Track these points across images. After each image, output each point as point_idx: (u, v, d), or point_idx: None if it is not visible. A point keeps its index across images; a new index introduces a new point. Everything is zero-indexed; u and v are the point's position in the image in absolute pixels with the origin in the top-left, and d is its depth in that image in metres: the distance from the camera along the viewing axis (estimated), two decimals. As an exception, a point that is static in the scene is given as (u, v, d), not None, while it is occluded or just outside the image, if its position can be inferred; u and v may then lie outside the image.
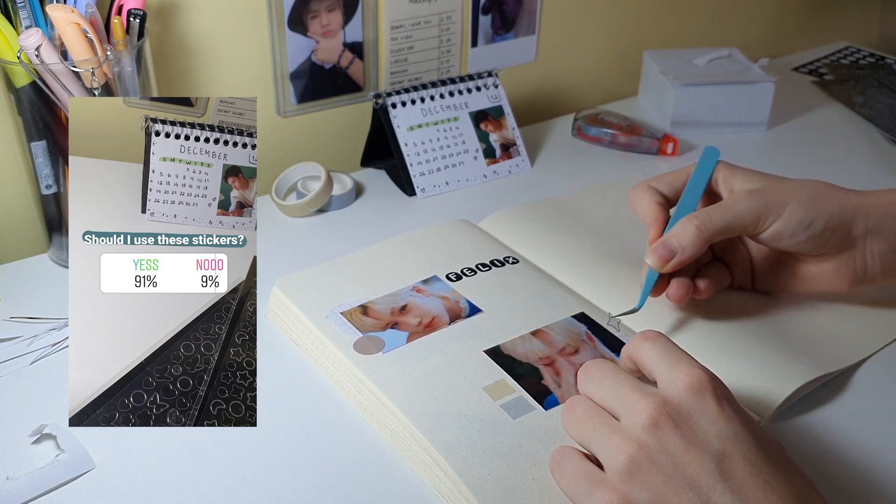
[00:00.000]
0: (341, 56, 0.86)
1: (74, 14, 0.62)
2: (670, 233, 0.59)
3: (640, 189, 0.63)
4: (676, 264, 0.58)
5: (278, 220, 0.79)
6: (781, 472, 0.43)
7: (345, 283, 0.63)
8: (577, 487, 0.45)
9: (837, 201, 0.59)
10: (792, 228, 0.58)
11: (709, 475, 0.42)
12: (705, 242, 0.58)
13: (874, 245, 0.59)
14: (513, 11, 0.95)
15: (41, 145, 0.67)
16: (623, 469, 0.43)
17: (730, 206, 0.59)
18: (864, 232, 0.59)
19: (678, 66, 0.97)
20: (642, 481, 0.43)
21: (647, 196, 0.63)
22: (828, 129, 0.97)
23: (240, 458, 0.52)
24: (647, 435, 0.43)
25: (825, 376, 0.57)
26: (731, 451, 0.43)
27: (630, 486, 0.43)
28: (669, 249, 0.58)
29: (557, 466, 0.47)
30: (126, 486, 0.50)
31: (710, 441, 0.43)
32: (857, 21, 1.32)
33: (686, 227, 0.58)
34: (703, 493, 0.42)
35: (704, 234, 0.58)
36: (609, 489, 0.43)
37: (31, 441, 0.53)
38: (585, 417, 0.47)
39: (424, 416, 0.51)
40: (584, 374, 0.49)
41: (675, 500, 0.42)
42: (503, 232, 0.72)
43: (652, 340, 0.48)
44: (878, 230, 0.59)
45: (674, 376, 0.45)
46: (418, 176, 0.82)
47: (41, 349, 0.61)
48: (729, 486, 0.42)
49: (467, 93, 0.85)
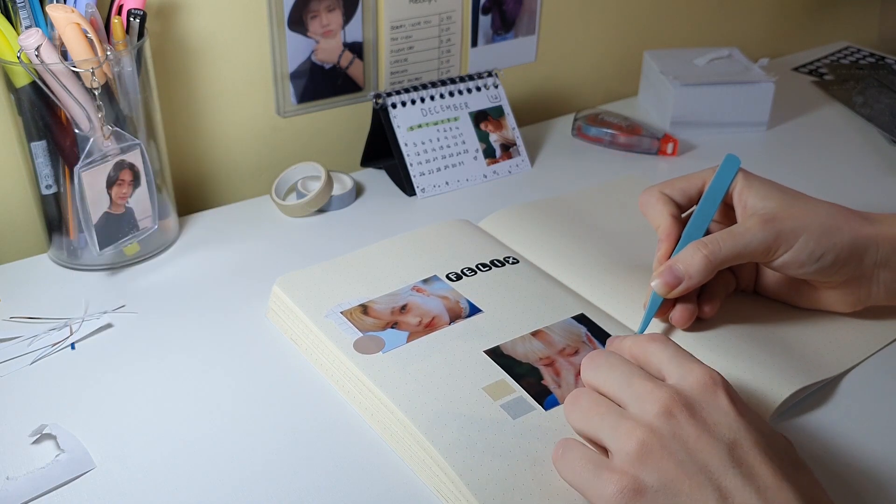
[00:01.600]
0: (341, 56, 0.86)
1: (74, 14, 0.62)
2: (678, 258, 0.58)
3: (652, 196, 0.62)
4: (682, 291, 0.58)
5: (278, 220, 0.79)
6: (790, 466, 0.43)
7: (345, 282, 0.63)
8: (584, 472, 0.44)
9: (849, 233, 0.58)
10: (801, 260, 0.57)
11: (720, 462, 0.42)
12: (713, 271, 0.57)
13: (882, 274, 0.59)
14: (513, 11, 0.95)
15: (41, 145, 0.67)
16: (634, 453, 0.43)
17: (741, 235, 0.57)
18: (872, 263, 0.59)
19: (678, 66, 0.97)
20: (653, 465, 0.42)
21: (660, 206, 0.61)
22: (828, 129, 0.97)
23: (240, 458, 0.52)
24: (659, 421, 0.44)
25: (823, 381, 0.57)
26: (741, 441, 0.43)
27: (640, 470, 0.43)
28: (676, 276, 0.57)
29: (561, 457, 0.46)
30: (126, 486, 0.50)
31: (721, 431, 0.43)
32: (857, 21, 1.32)
33: (695, 256, 0.57)
34: (715, 477, 0.42)
35: (713, 264, 0.57)
36: (618, 472, 0.43)
37: (31, 441, 0.53)
38: (592, 407, 0.46)
39: (424, 416, 0.51)
40: (591, 362, 0.49)
41: (686, 483, 0.42)
42: (503, 232, 0.72)
43: (661, 343, 0.48)
44: (887, 262, 0.59)
45: (685, 373, 0.46)
46: (418, 176, 0.82)
47: (41, 349, 0.61)
48: (740, 472, 0.42)
49: (467, 93, 0.85)
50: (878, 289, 0.60)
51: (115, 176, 0.67)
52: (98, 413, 0.56)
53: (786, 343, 0.60)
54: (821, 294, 0.62)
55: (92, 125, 0.65)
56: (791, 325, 0.62)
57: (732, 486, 0.42)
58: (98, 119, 0.65)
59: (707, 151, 0.91)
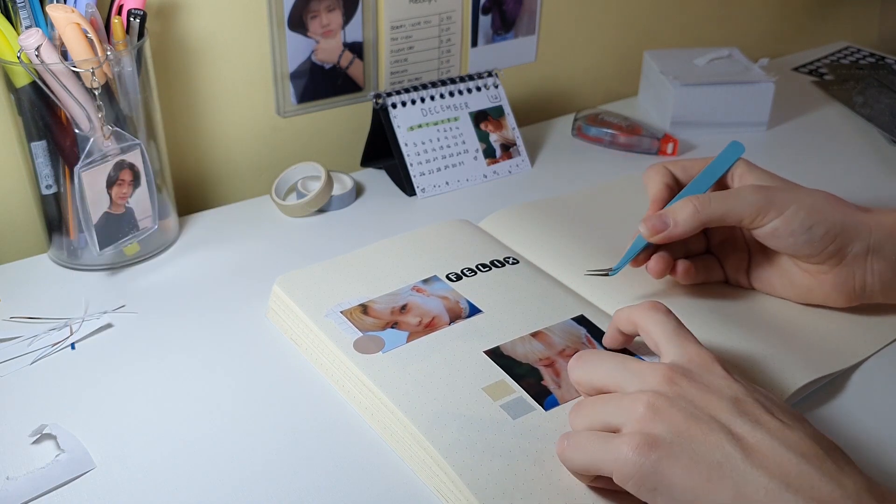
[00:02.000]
0: (341, 56, 0.86)
1: (74, 14, 0.62)
2: (669, 208, 0.60)
3: (655, 168, 0.65)
4: (665, 237, 0.59)
5: (278, 220, 0.79)
6: (791, 415, 0.44)
7: (345, 282, 0.63)
8: (596, 447, 0.44)
9: (842, 213, 0.59)
10: (791, 228, 0.58)
11: (727, 413, 0.43)
12: (700, 224, 0.59)
13: (875, 264, 0.59)
14: (513, 11, 0.95)
15: (41, 145, 0.67)
16: (642, 413, 0.43)
17: (732, 195, 0.59)
18: (865, 249, 0.59)
19: (678, 66, 0.97)
20: (663, 419, 0.43)
21: (658, 176, 0.64)
22: (828, 129, 0.97)
23: (240, 458, 0.52)
24: (662, 387, 0.44)
25: (827, 376, 0.57)
26: (742, 398, 0.44)
27: (651, 426, 0.43)
28: (663, 221, 0.59)
29: (567, 446, 0.46)
30: (126, 486, 0.50)
31: (722, 391, 0.44)
32: (857, 21, 1.32)
33: (684, 206, 0.59)
34: (725, 423, 0.43)
35: (700, 216, 0.59)
36: (630, 434, 0.43)
37: (31, 441, 0.53)
38: (593, 402, 0.47)
39: (424, 416, 0.51)
40: (578, 360, 0.49)
41: (697, 429, 0.42)
42: (503, 232, 0.72)
43: (664, 314, 0.49)
44: (880, 250, 0.59)
45: (682, 351, 0.47)
46: (418, 176, 0.82)
47: (41, 349, 0.61)
48: (748, 419, 0.43)
49: (467, 93, 0.85)
50: (873, 279, 0.60)
51: (115, 176, 0.67)
52: (98, 413, 0.56)
53: (795, 336, 0.60)
54: (814, 284, 0.62)
55: (92, 125, 0.65)
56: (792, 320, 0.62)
57: (743, 431, 0.42)
58: (98, 119, 0.65)
59: (707, 151, 0.90)
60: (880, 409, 0.56)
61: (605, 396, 0.47)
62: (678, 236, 0.59)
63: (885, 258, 0.59)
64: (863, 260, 0.59)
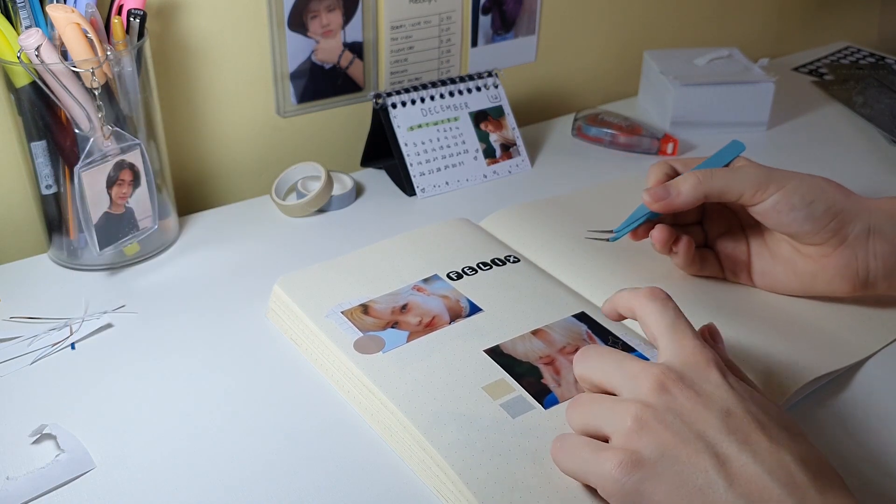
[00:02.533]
0: (341, 56, 0.86)
1: (74, 14, 0.62)
2: (672, 180, 0.61)
3: (658, 163, 0.66)
4: (666, 205, 0.61)
5: (278, 220, 0.79)
6: (785, 434, 0.44)
7: (345, 281, 0.63)
8: (583, 457, 0.45)
9: (842, 194, 0.60)
10: (792, 202, 0.59)
11: (715, 430, 0.43)
12: (701, 195, 0.60)
13: (877, 246, 0.59)
14: (513, 11, 0.95)
15: (41, 145, 0.67)
16: (629, 427, 0.43)
17: (734, 171, 0.61)
18: (866, 230, 0.59)
19: (678, 66, 0.97)
20: (649, 437, 0.43)
21: (660, 169, 0.65)
22: (828, 129, 0.97)
23: (240, 459, 0.52)
24: (653, 397, 0.44)
25: (833, 372, 0.57)
26: (734, 410, 0.44)
27: (637, 442, 0.43)
28: (666, 190, 0.61)
29: (559, 449, 0.46)
30: (126, 486, 0.50)
31: (714, 401, 0.44)
32: (857, 21, 1.32)
33: (687, 177, 0.61)
34: (711, 444, 0.42)
35: (702, 187, 0.60)
36: (615, 450, 0.43)
37: (31, 441, 0.53)
38: (589, 402, 0.47)
39: (424, 416, 0.51)
40: (581, 355, 0.49)
41: (683, 451, 0.42)
42: (503, 232, 0.72)
43: (662, 303, 0.49)
44: (881, 231, 0.59)
45: (678, 348, 0.47)
46: (418, 176, 0.82)
47: (41, 349, 0.61)
48: (736, 439, 0.42)
49: (467, 93, 0.85)
50: (876, 263, 0.60)
51: (115, 176, 0.67)
52: (98, 413, 0.56)
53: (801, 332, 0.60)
54: (817, 269, 0.61)
55: (92, 125, 0.65)
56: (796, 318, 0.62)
57: (729, 452, 0.42)
58: (98, 119, 0.65)
59: (707, 151, 0.90)
60: (886, 406, 0.56)
61: (599, 397, 0.47)
62: (679, 206, 0.61)
63: (886, 240, 0.59)
64: (864, 241, 0.60)
